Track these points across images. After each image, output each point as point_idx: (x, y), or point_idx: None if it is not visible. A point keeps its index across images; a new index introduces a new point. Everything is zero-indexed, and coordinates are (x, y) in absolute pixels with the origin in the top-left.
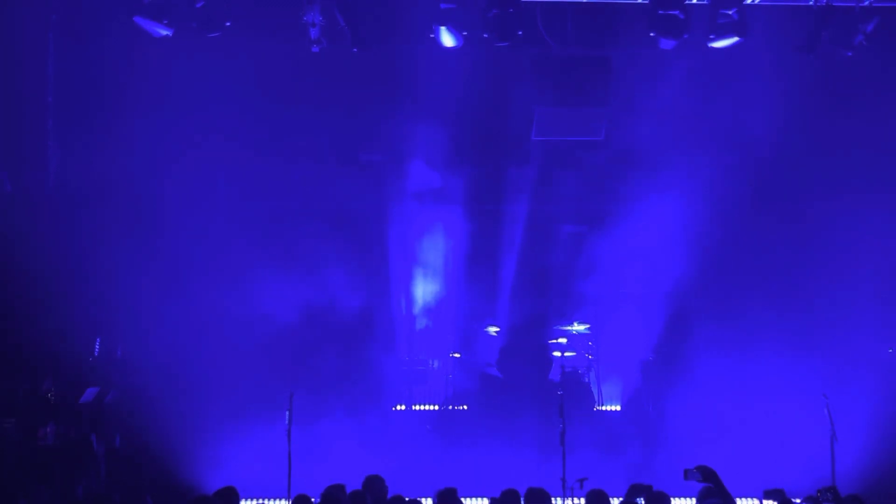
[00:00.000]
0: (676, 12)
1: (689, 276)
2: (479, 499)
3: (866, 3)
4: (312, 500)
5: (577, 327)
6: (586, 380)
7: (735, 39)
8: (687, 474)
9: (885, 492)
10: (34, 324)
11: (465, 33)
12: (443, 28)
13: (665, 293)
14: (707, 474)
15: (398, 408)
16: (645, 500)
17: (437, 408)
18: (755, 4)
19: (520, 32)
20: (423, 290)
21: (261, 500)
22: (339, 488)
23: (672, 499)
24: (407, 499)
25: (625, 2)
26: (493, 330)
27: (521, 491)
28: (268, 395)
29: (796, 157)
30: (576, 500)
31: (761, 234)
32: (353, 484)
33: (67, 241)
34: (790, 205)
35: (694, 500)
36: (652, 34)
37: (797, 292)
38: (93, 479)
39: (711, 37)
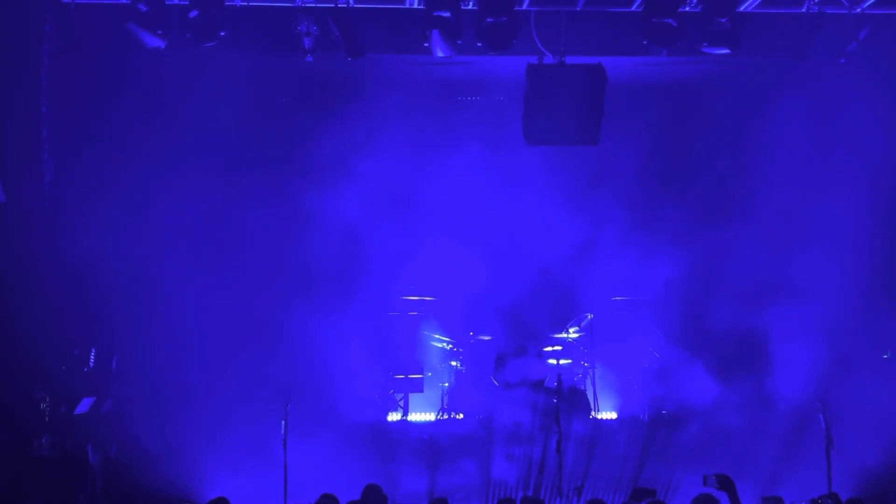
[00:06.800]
0: (669, 20)
1: (686, 281)
2: None
3: (858, 10)
4: None
5: (573, 334)
6: (582, 387)
7: (727, 48)
8: (706, 480)
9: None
10: (28, 334)
11: (459, 42)
12: (436, 37)
13: (660, 299)
14: (724, 482)
15: (393, 417)
16: None
17: (433, 417)
18: (748, 12)
19: (514, 41)
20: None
21: None
22: (331, 499)
23: None
24: None
25: (618, 10)
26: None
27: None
28: (264, 405)
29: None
30: None
31: (750, 237)
32: (349, 494)
33: (62, 250)
34: (785, 208)
35: None
36: (645, 42)
37: (790, 294)
38: (88, 489)
39: (704, 44)
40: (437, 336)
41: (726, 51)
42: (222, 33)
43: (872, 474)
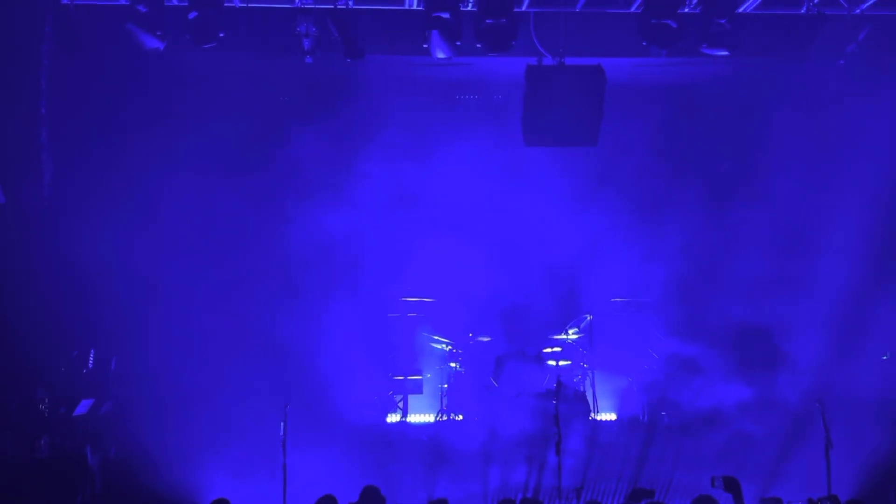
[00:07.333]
0: (669, 21)
1: (685, 282)
2: None
3: (858, 11)
4: None
5: (572, 336)
6: (581, 388)
7: (726, 49)
8: (713, 481)
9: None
10: (28, 336)
11: (458, 43)
12: (435, 38)
13: (659, 300)
14: (730, 485)
15: (392, 418)
16: None
17: (432, 419)
18: (747, 13)
19: (513, 42)
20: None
21: None
22: (330, 500)
23: None
24: None
25: (617, 11)
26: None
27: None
28: (263, 406)
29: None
30: None
31: (750, 238)
32: (348, 495)
33: (61, 251)
34: (784, 210)
35: None
36: (644, 43)
37: (791, 295)
38: (87, 491)
39: (704, 46)
40: (436, 337)
41: (725, 52)
42: (221, 34)
43: (872, 475)
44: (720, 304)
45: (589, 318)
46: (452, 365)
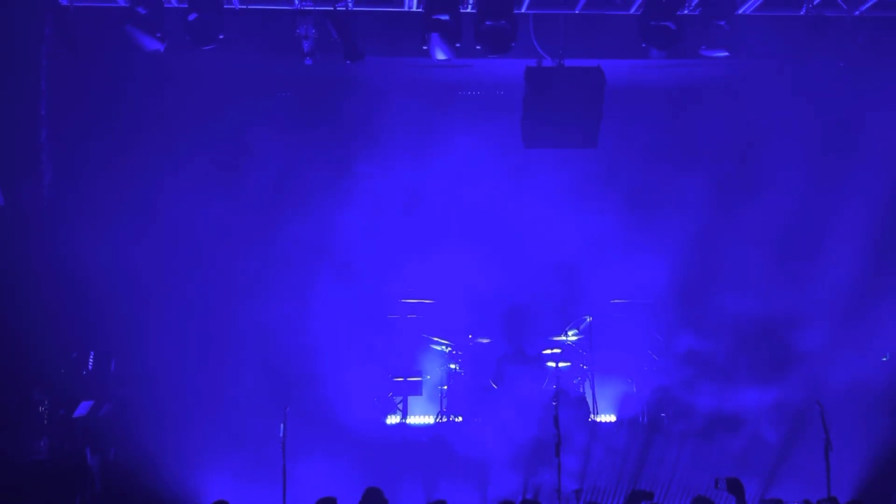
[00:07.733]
0: (668, 23)
1: (685, 284)
2: None
3: (857, 13)
4: None
5: (572, 337)
6: (581, 390)
7: (726, 51)
8: (717, 483)
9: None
10: (27, 337)
11: (458, 45)
12: (435, 40)
13: (659, 301)
14: (733, 486)
15: (392, 420)
16: None
17: (432, 420)
18: (747, 15)
19: (513, 44)
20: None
21: None
22: (330, 501)
23: None
24: None
25: (617, 13)
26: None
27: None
28: (263, 408)
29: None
30: None
31: (751, 239)
32: (348, 496)
33: (60, 253)
34: (785, 211)
35: None
36: (644, 45)
37: (791, 297)
38: (87, 492)
39: (703, 47)
40: (436, 339)
41: (725, 54)
42: (221, 36)
43: (873, 476)
44: (720, 306)
45: (589, 319)
46: (452, 366)
